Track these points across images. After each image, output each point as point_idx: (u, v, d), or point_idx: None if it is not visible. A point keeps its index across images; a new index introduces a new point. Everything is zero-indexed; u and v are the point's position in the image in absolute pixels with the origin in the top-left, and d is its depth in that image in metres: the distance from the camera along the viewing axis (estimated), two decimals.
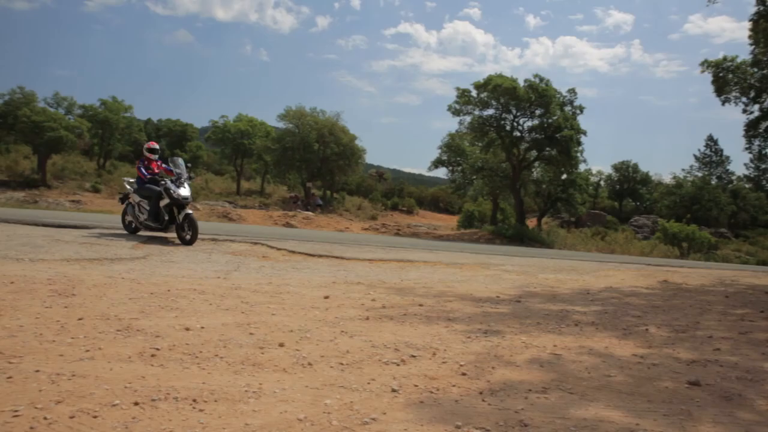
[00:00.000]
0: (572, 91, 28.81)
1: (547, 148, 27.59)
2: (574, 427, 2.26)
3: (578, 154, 28.03)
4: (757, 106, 28.73)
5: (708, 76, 28.89)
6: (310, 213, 29.87)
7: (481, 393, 2.64)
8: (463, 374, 2.93)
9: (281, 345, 3.23)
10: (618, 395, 2.73)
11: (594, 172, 47.02)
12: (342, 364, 2.98)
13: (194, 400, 2.29)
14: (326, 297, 4.98)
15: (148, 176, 9.42)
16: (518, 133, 28.27)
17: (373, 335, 3.65)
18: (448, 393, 2.63)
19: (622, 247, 25.81)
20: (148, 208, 9.20)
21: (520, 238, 25.16)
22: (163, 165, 9.68)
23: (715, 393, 2.83)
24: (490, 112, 28.00)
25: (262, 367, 2.83)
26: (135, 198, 9.45)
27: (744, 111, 29.12)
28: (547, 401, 2.58)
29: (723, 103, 29.26)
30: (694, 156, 50.38)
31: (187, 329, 3.42)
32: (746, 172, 46.90)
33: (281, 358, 2.99)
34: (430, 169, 34.24)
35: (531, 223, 31.86)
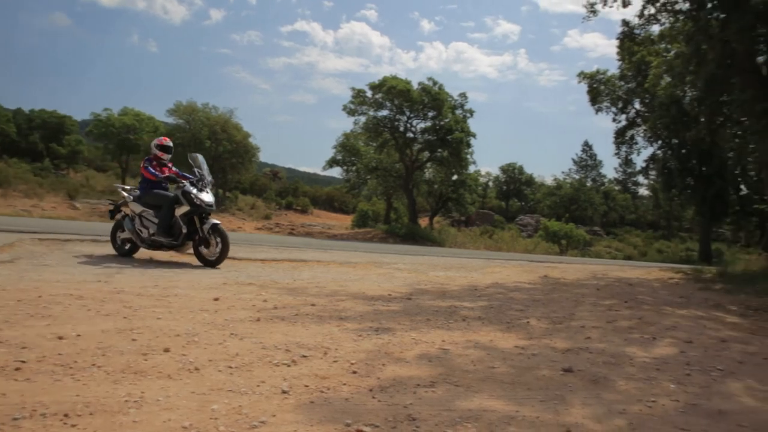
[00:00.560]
0: (463, 95, 30.02)
1: (439, 150, 28.54)
2: (459, 419, 2.34)
3: (468, 156, 29.27)
4: (624, 116, 31.54)
5: (584, 87, 31.41)
6: None
7: (371, 390, 2.67)
8: (354, 372, 2.95)
9: (166, 350, 3.08)
10: (501, 385, 2.88)
11: (483, 173, 49.32)
12: (231, 367, 2.89)
13: (66, 415, 2.12)
14: (216, 299, 4.81)
15: (162, 177, 7.65)
16: (411, 135, 29.01)
17: (263, 336, 3.57)
18: (339, 392, 2.63)
19: (508, 245, 27.26)
20: (154, 219, 7.43)
21: (413, 237, 25.82)
22: (174, 169, 8.06)
23: (585, 378, 3.07)
24: (385, 113, 28.54)
25: (145, 374, 2.68)
26: (135, 208, 7.61)
27: (614, 120, 31.90)
28: (434, 395, 2.66)
29: (596, 112, 31.91)
30: (573, 160, 54.37)
31: (61, 338, 3.16)
32: (616, 176, 51.34)
33: (166, 364, 2.85)
34: (324, 168, 34.35)
35: (423, 222, 32.78)
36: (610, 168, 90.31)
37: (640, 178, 41.59)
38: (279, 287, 5.87)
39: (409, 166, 29.16)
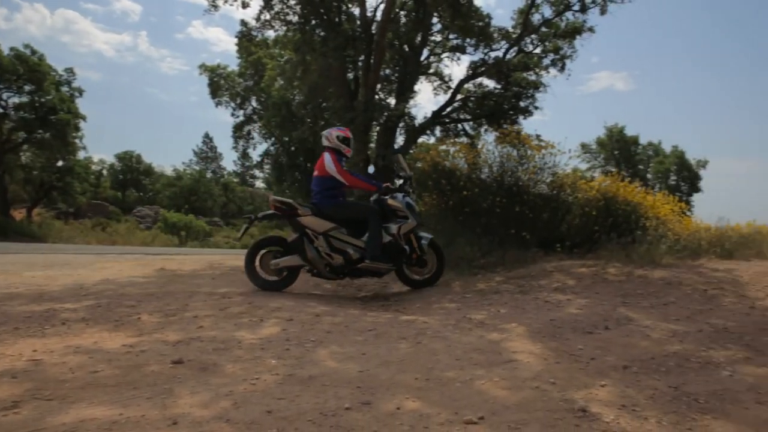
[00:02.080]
0: (70, 70, 26.70)
1: (40, 131, 24.69)
2: None
3: (77, 140, 26.22)
4: (242, 112, 33.08)
5: (206, 79, 31.69)
6: None
7: None
8: None
9: None
10: (104, 390, 2.68)
11: (96, 160, 44.92)
12: None
13: None
14: None
15: (374, 183, 6.14)
16: (1, 109, 24.30)
17: None
18: None
19: (124, 238, 25.52)
20: (351, 240, 5.85)
21: (4, 232, 21.74)
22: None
23: (195, 366, 3.12)
24: None
25: None
26: (319, 225, 5.81)
27: (232, 115, 33.15)
28: (17, 417, 2.30)
29: (217, 105, 32.65)
30: (193, 151, 54.35)
31: None
32: (235, 168, 53.61)
33: None
34: None
35: (19, 214, 27.91)
36: (229, 161, 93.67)
37: (257, 172, 44.51)
38: None
39: None
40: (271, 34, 16.80)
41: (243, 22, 15.70)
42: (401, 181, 6.40)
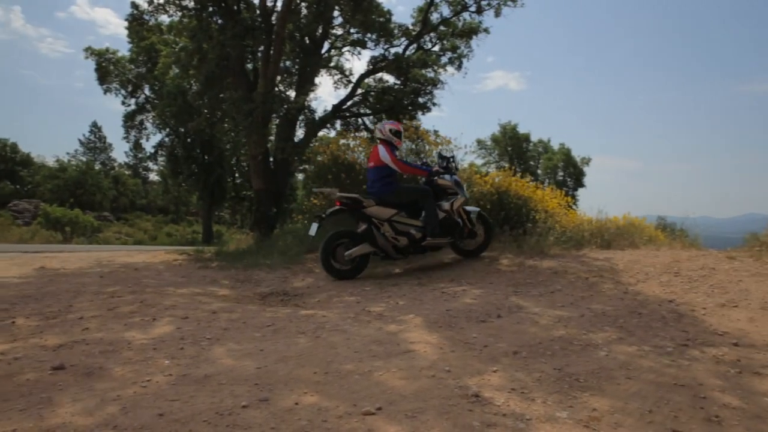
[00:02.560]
0: None
1: None
2: None
3: None
4: (134, 100, 31.31)
5: (93, 64, 29.59)
6: None
7: None
8: None
9: None
10: None
11: None
12: None
13: None
14: None
15: (425, 168, 6.68)
16: None
17: None
18: None
19: None
20: (412, 222, 6.31)
21: None
22: None
23: (79, 372, 2.93)
24: None
25: None
26: (383, 213, 6.25)
27: (123, 103, 31.28)
28: None
29: (105, 92, 30.67)
30: (79, 140, 50.61)
31: None
32: (126, 160, 50.62)
33: None
34: None
35: None
36: (120, 152, 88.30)
37: (150, 164, 42.26)
38: None
39: None
40: (165, 19, 16.01)
41: (134, 5, 14.86)
42: (446, 162, 6.78)
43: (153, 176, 48.51)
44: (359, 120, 16.52)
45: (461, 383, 2.82)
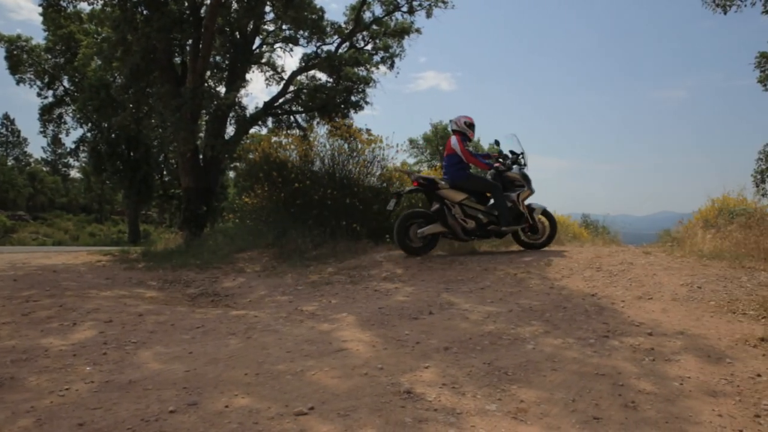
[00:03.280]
0: None
1: None
2: None
3: None
4: (51, 92, 29.59)
5: (2, 51, 27.68)
6: None
7: None
8: None
9: None
10: None
11: None
12: None
13: None
14: None
15: (485, 161, 7.14)
16: None
17: None
18: None
19: None
20: (479, 207, 6.83)
21: None
22: None
23: None
24: None
25: None
26: (455, 195, 6.77)
27: (39, 95, 29.49)
28: None
29: (18, 83, 28.77)
30: None
31: None
32: (44, 156, 47.82)
33: None
34: None
35: None
36: (36, 147, 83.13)
37: (71, 160, 40.12)
38: None
39: None
40: (85, 6, 15.24)
41: None
42: (516, 157, 7.21)
43: (74, 173, 46.12)
44: (291, 118, 16.36)
45: (394, 380, 2.86)
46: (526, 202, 7.06)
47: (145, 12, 11.53)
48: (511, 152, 7.36)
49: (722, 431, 2.34)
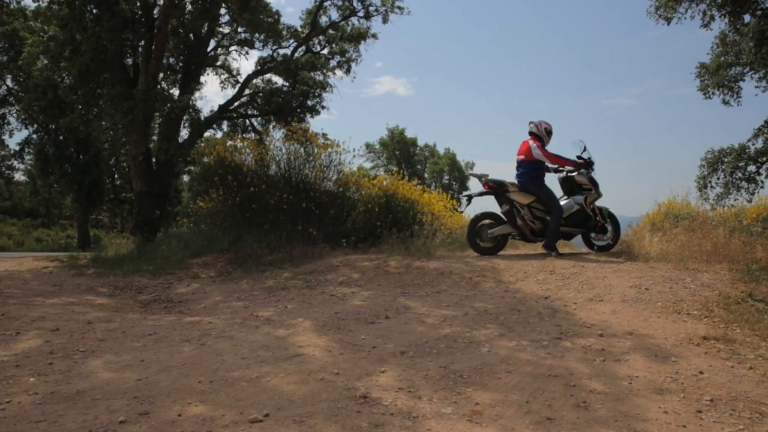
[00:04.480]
0: None
1: None
2: None
3: None
4: None
5: None
6: None
7: None
8: None
9: None
10: None
11: None
12: None
13: None
14: None
15: (573, 160, 7.14)
16: None
17: None
18: None
19: None
20: (545, 210, 6.99)
21: None
22: None
23: None
24: None
25: None
26: (524, 198, 6.99)
27: None
28: None
29: None
30: None
31: None
32: None
33: None
34: None
35: None
36: None
37: (16, 162, 38.47)
38: None
39: None
40: (29, 2, 14.69)
41: None
42: (583, 161, 7.23)
43: (19, 176, 44.23)
44: (247, 121, 16.18)
45: (350, 385, 2.87)
46: (599, 206, 7.23)
47: (94, 11, 11.20)
48: (578, 157, 7.45)
49: (667, 427, 2.45)
